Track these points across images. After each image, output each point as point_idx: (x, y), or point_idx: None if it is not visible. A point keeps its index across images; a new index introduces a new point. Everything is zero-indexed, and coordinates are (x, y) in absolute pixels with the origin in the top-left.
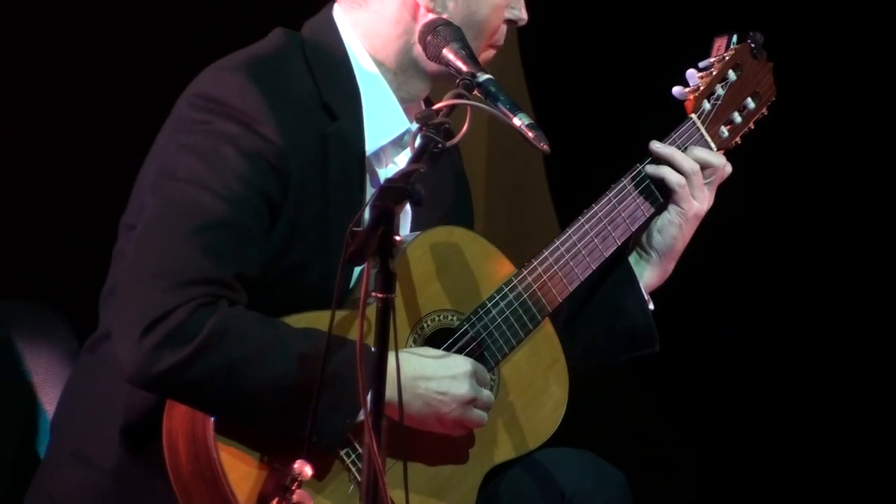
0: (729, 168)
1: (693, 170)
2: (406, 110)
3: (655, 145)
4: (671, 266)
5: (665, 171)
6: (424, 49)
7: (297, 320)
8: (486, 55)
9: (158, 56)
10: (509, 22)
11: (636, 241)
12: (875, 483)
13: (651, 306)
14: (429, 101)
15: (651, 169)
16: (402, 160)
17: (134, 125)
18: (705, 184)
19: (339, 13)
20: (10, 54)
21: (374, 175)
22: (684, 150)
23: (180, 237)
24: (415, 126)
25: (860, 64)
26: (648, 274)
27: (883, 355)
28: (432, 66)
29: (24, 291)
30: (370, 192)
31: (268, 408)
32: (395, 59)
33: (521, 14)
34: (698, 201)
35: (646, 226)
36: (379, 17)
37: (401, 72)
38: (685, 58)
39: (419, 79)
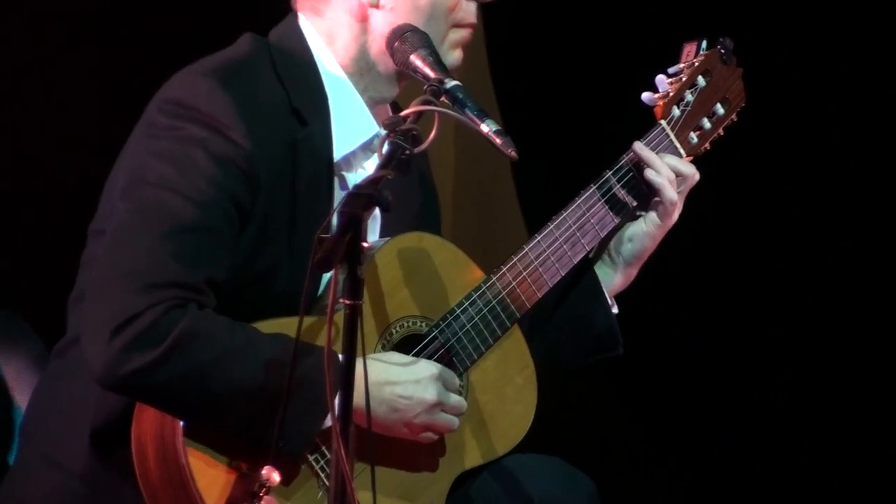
0: (698, 176)
1: (671, 179)
2: (375, 114)
3: (640, 147)
4: (636, 271)
5: (664, 185)
6: (392, 55)
7: (266, 326)
8: (456, 37)
9: (122, 62)
10: None
11: (603, 246)
12: (846, 483)
13: (615, 310)
14: (397, 106)
15: (652, 176)
16: (371, 165)
17: (100, 131)
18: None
19: (303, 20)
20: None
21: (343, 181)
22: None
23: (151, 240)
24: (384, 131)
25: (844, 63)
26: (614, 280)
27: (857, 354)
28: (392, 67)
29: None
30: (339, 198)
31: (236, 411)
32: (355, 62)
33: None
34: (677, 212)
35: (614, 232)
36: (333, 23)
37: (365, 74)
38: (655, 63)
39: (383, 80)
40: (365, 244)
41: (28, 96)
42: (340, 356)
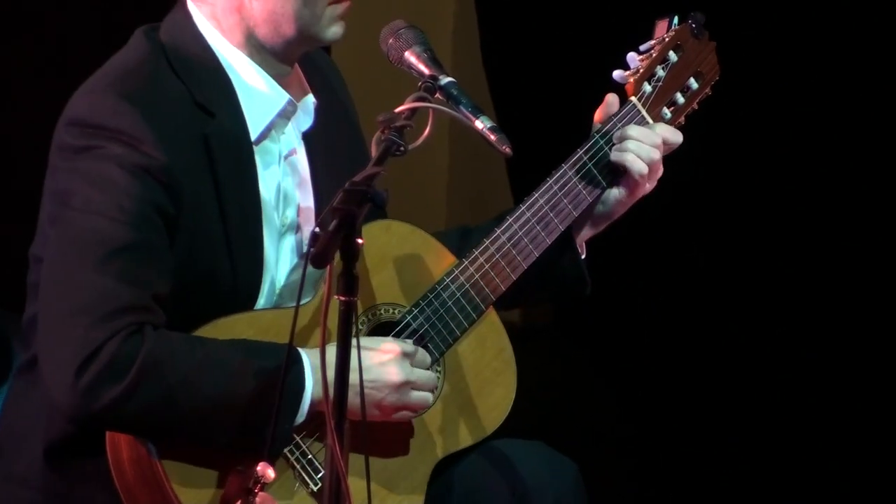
0: (679, 138)
1: (638, 152)
2: (282, 83)
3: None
4: (603, 228)
5: (629, 160)
6: (386, 52)
7: (221, 325)
8: (335, 12)
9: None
10: None
11: None
12: (822, 477)
13: (583, 255)
14: (306, 58)
15: (615, 156)
16: (290, 131)
17: None
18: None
19: (193, 8)
20: None
21: (268, 155)
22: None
23: (90, 269)
24: (305, 97)
25: (840, 56)
26: (583, 233)
27: (844, 346)
28: (278, 38)
29: None
30: (263, 174)
31: (209, 426)
32: (245, 43)
33: None
34: (650, 183)
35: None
36: (216, 8)
37: (257, 52)
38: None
39: (277, 56)
40: (359, 241)
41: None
42: (302, 351)
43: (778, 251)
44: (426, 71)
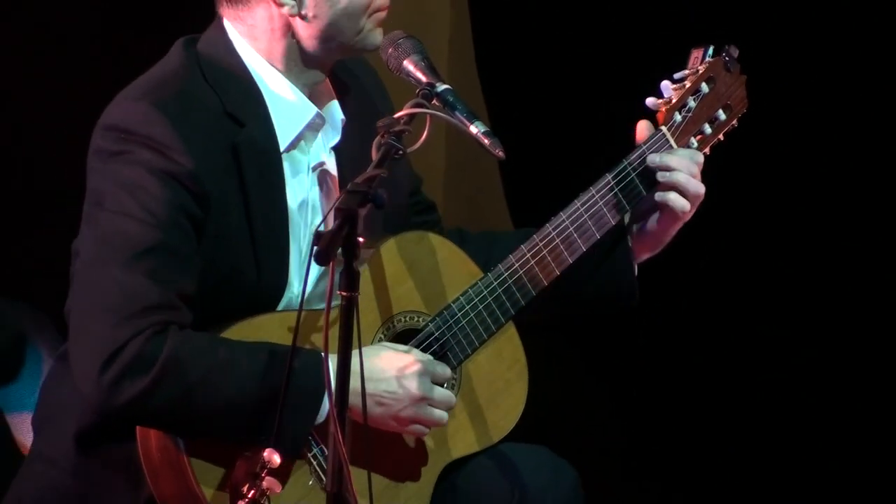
0: (700, 158)
1: (700, 193)
2: (311, 96)
3: (653, 158)
4: (659, 249)
5: (671, 199)
6: (386, 61)
7: (243, 327)
8: (374, 20)
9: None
10: None
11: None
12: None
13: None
14: (335, 78)
15: (659, 196)
16: (319, 143)
17: None
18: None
19: (228, 25)
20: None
21: (296, 165)
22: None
23: (119, 269)
24: (332, 108)
25: (844, 68)
26: (641, 256)
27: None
28: (321, 58)
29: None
30: (290, 182)
31: (228, 424)
32: (283, 59)
33: None
34: (692, 210)
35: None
36: (256, 28)
37: (294, 68)
38: (640, 68)
39: (313, 69)
40: (360, 239)
41: (71, 90)
42: (322, 354)
43: (772, 249)
44: (423, 78)
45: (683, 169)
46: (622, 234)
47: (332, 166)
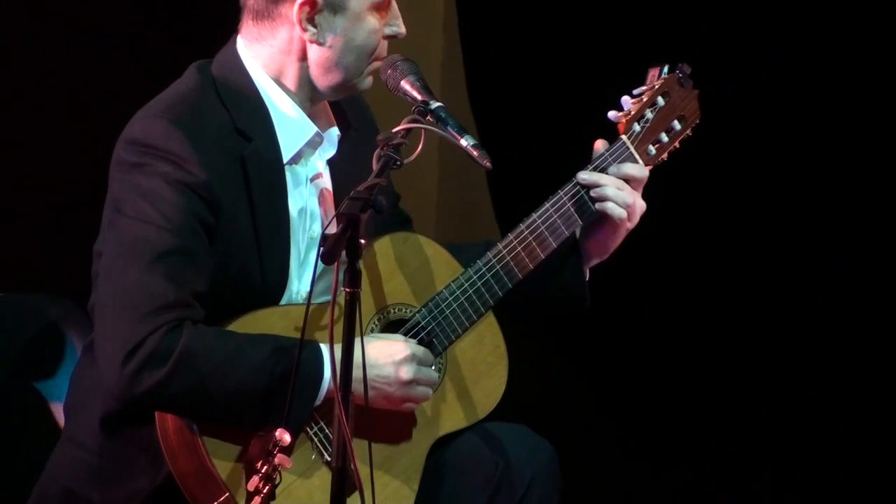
0: (646, 173)
1: (630, 202)
2: (311, 115)
3: (583, 176)
4: (607, 256)
5: (609, 208)
6: (385, 81)
7: (250, 319)
8: (373, 67)
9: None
10: (389, 37)
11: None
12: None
13: (587, 277)
14: (337, 105)
15: (599, 206)
16: (316, 157)
17: None
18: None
19: (242, 46)
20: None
21: (296, 175)
22: (606, 169)
23: (138, 270)
24: (330, 130)
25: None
26: (591, 260)
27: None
28: (325, 85)
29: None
30: (293, 192)
31: (237, 409)
32: (294, 80)
33: (400, 29)
34: (632, 222)
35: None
36: (274, 49)
37: (300, 89)
38: (611, 84)
39: (318, 92)
40: (362, 241)
41: (116, 90)
42: (323, 345)
43: (757, 250)
44: (419, 97)
45: (610, 183)
46: (574, 241)
47: (326, 178)
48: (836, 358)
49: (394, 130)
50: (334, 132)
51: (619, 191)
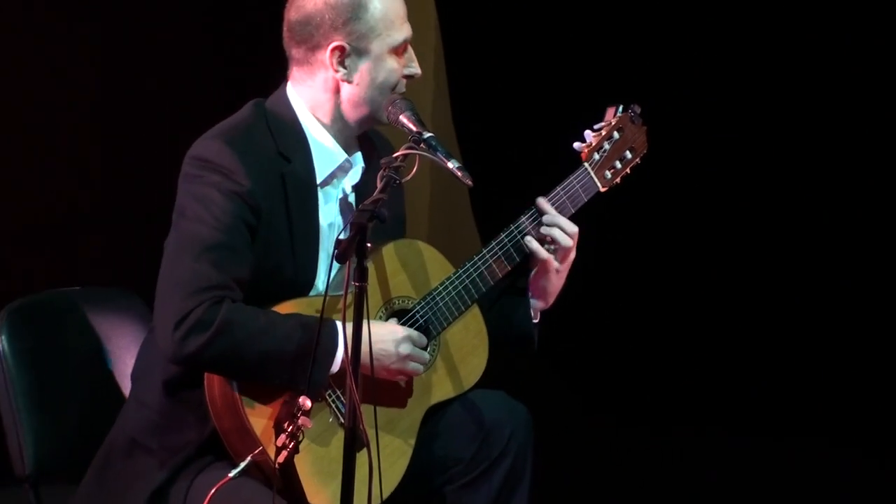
0: (575, 229)
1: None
2: (343, 145)
3: (543, 203)
4: (552, 300)
5: (535, 248)
6: (388, 114)
7: (281, 307)
8: (393, 97)
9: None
10: (408, 77)
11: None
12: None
13: (536, 320)
14: (367, 138)
15: (545, 230)
16: (346, 180)
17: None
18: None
19: (290, 88)
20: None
21: (327, 195)
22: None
23: (190, 259)
24: (357, 157)
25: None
26: (536, 304)
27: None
28: (354, 117)
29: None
30: (323, 209)
31: (268, 371)
32: (329, 114)
33: (417, 70)
34: (561, 265)
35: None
36: (314, 90)
37: (334, 122)
38: (571, 112)
39: (348, 126)
40: (368, 245)
41: (188, 96)
42: (338, 323)
43: (743, 248)
44: (414, 128)
45: (561, 223)
46: (524, 289)
47: (352, 199)
48: (835, 357)
49: (394, 155)
50: (359, 162)
51: (563, 233)
